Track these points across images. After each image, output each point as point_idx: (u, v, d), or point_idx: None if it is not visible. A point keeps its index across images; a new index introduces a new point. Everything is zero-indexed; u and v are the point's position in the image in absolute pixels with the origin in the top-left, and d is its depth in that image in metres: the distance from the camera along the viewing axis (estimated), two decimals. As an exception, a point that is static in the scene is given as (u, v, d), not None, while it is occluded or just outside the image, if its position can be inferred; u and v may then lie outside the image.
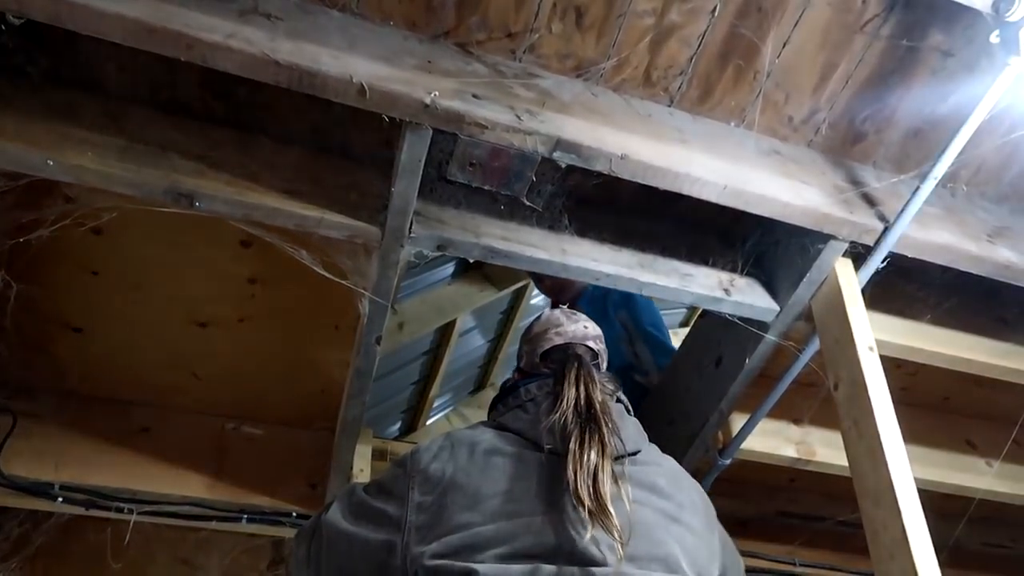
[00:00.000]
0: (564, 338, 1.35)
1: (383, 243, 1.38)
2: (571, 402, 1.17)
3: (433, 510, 1.04)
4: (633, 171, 1.33)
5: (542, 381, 1.23)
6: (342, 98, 1.19)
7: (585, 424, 1.12)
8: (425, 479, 1.07)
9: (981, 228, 1.61)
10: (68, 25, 1.09)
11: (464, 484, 1.05)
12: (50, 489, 1.72)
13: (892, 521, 1.25)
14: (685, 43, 1.43)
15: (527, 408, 1.18)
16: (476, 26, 1.38)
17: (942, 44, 1.47)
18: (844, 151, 1.63)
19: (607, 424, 1.14)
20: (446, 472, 1.07)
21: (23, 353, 1.77)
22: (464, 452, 1.10)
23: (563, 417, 1.13)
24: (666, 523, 1.09)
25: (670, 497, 1.13)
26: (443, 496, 1.05)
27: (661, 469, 1.18)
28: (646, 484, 1.12)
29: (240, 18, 1.19)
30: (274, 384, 1.95)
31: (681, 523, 1.11)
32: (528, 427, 1.14)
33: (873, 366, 1.39)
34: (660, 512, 1.10)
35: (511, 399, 1.22)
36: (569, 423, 1.13)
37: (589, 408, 1.16)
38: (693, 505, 1.16)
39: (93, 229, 1.51)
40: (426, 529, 1.02)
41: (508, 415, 1.18)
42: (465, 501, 1.04)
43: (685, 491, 1.17)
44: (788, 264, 1.59)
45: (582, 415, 1.15)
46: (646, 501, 1.10)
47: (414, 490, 1.07)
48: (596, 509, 1.02)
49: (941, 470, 1.96)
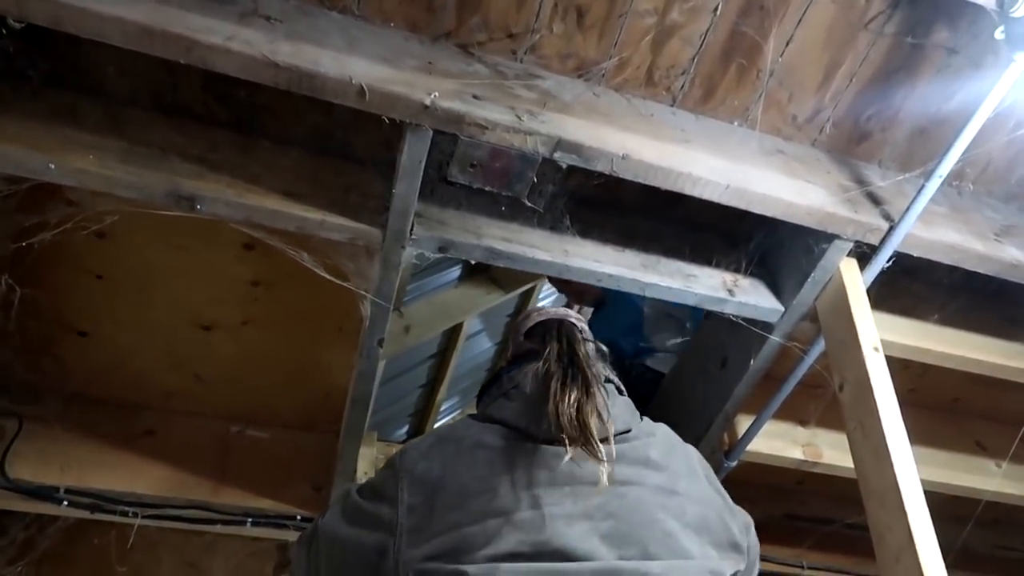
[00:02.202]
0: (546, 315, 1.33)
1: (384, 245, 1.37)
2: (553, 352, 1.15)
3: (423, 511, 1.02)
4: (635, 171, 1.32)
5: (524, 367, 1.19)
6: (342, 100, 1.18)
7: (567, 368, 1.11)
8: (413, 479, 1.06)
9: (988, 227, 1.60)
10: (68, 28, 1.09)
11: (451, 482, 1.03)
12: (55, 493, 1.72)
13: (898, 523, 1.24)
14: (687, 42, 1.43)
15: (510, 395, 1.14)
16: (477, 27, 1.38)
17: (947, 41, 1.46)
18: (849, 150, 1.62)
19: (591, 371, 1.12)
20: (433, 471, 1.05)
21: (28, 356, 1.77)
22: (451, 449, 1.08)
23: (545, 364, 1.12)
24: (663, 499, 1.06)
25: (664, 468, 1.09)
26: (432, 497, 1.03)
27: (653, 439, 1.14)
28: (639, 459, 1.09)
29: (240, 20, 1.19)
30: (278, 387, 1.95)
31: (678, 494, 1.07)
32: (512, 415, 1.10)
33: (878, 367, 1.38)
34: (655, 488, 1.06)
35: (494, 388, 1.19)
36: (551, 368, 1.11)
37: (572, 356, 1.14)
38: (690, 470, 1.13)
39: (96, 233, 1.51)
40: (417, 531, 1.01)
41: (493, 405, 1.15)
42: (452, 500, 1.02)
43: (679, 457, 1.14)
44: (792, 264, 1.58)
45: (564, 361, 1.13)
46: (639, 479, 1.06)
47: (404, 491, 1.05)
48: (579, 437, 1.00)
49: (950, 471, 1.94)
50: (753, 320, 1.61)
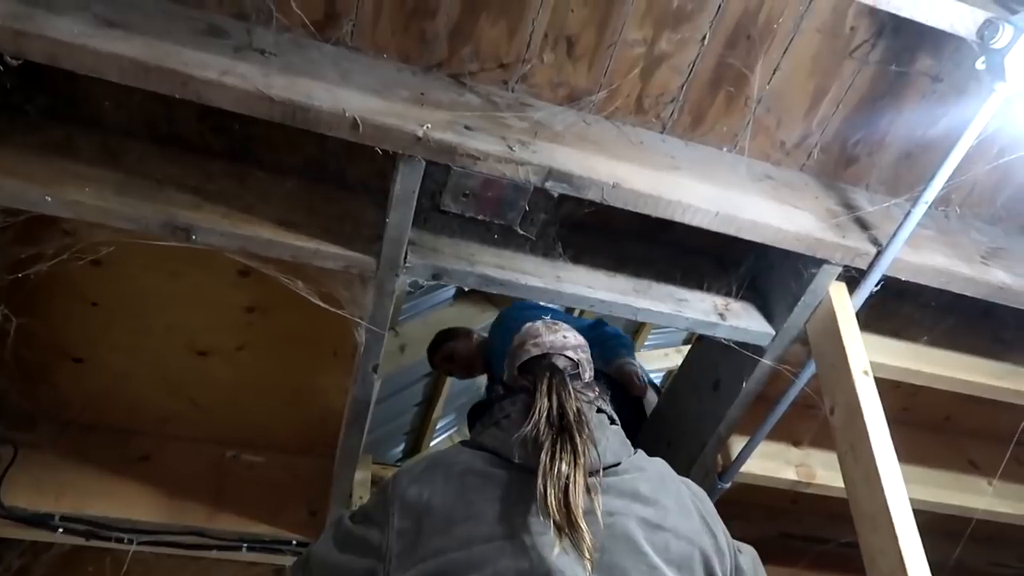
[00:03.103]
0: (541, 349, 1.32)
1: (378, 273, 1.39)
2: (543, 412, 1.14)
3: (411, 536, 1.03)
4: (625, 199, 1.34)
5: (516, 397, 1.20)
6: (335, 132, 1.20)
7: (557, 435, 1.09)
8: (403, 504, 1.06)
9: (975, 250, 1.62)
10: (65, 65, 1.11)
11: (439, 508, 1.04)
12: (50, 520, 1.72)
13: (889, 546, 1.25)
14: (676, 71, 1.45)
15: (502, 425, 1.15)
16: (468, 57, 1.40)
17: (931, 69, 1.49)
18: (836, 174, 1.64)
19: (581, 435, 1.11)
20: (422, 496, 1.06)
21: (24, 384, 1.78)
22: (440, 475, 1.09)
23: (535, 429, 1.11)
24: (648, 533, 1.06)
25: (653, 503, 1.09)
26: (419, 521, 1.04)
27: (644, 474, 1.14)
28: (627, 492, 1.09)
29: (235, 54, 1.21)
30: (273, 412, 1.95)
31: (665, 529, 1.07)
32: (502, 445, 1.12)
33: (868, 391, 1.39)
34: (641, 522, 1.06)
35: (487, 417, 1.20)
36: (541, 434, 1.10)
37: (562, 418, 1.13)
38: (681, 506, 1.12)
39: (92, 261, 1.52)
40: (404, 556, 1.02)
41: (485, 434, 1.17)
42: (439, 526, 1.02)
43: (671, 493, 1.14)
44: (782, 288, 1.59)
45: (554, 426, 1.12)
46: (626, 511, 1.06)
47: (394, 516, 1.06)
48: (565, 524, 0.99)
49: (942, 490, 1.96)
50: (744, 343, 1.62)
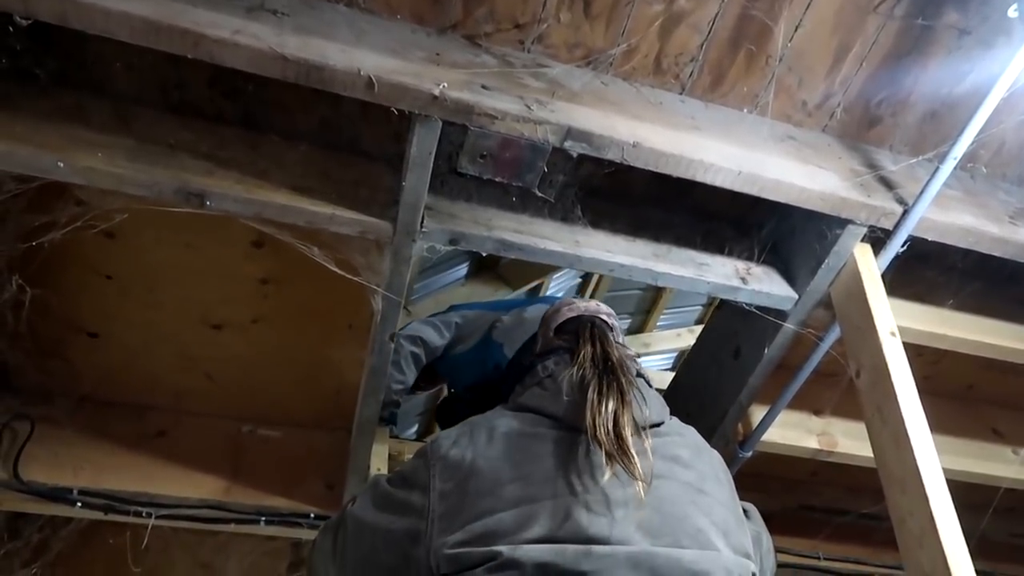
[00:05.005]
0: (576, 311, 1.32)
1: (395, 238, 1.37)
2: (587, 356, 1.14)
3: (455, 498, 1.02)
4: (646, 159, 1.31)
5: (558, 356, 1.20)
6: (350, 91, 1.18)
7: (603, 375, 1.10)
8: (446, 466, 1.05)
9: (1003, 209, 1.58)
10: (75, 24, 1.09)
11: (484, 469, 1.03)
12: (68, 494, 1.72)
13: (920, 508, 1.22)
14: (695, 29, 1.42)
15: (545, 384, 1.15)
16: (484, 18, 1.37)
17: (958, 22, 1.45)
18: (860, 135, 1.61)
19: (626, 376, 1.11)
20: (466, 458, 1.05)
21: (39, 358, 1.77)
22: (483, 437, 1.07)
23: (580, 369, 1.11)
24: (693, 495, 1.06)
25: (693, 467, 1.10)
26: (464, 483, 1.03)
27: (683, 439, 1.14)
28: (669, 456, 1.08)
29: (247, 14, 1.19)
30: (289, 385, 1.94)
31: (706, 494, 1.07)
32: (548, 403, 1.11)
33: (896, 352, 1.36)
34: (685, 485, 1.06)
35: (528, 378, 1.19)
36: (587, 375, 1.10)
37: (606, 361, 1.14)
38: (716, 475, 1.13)
39: (105, 233, 1.51)
40: (449, 517, 1.01)
41: (527, 394, 1.15)
42: (485, 487, 1.01)
43: (706, 461, 1.14)
44: (806, 251, 1.56)
45: (599, 367, 1.12)
46: (670, 474, 1.06)
47: (435, 478, 1.04)
48: (616, 451, 0.99)
49: (967, 459, 1.93)
50: (766, 308, 1.60)
